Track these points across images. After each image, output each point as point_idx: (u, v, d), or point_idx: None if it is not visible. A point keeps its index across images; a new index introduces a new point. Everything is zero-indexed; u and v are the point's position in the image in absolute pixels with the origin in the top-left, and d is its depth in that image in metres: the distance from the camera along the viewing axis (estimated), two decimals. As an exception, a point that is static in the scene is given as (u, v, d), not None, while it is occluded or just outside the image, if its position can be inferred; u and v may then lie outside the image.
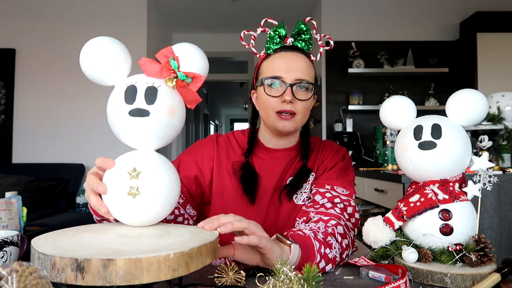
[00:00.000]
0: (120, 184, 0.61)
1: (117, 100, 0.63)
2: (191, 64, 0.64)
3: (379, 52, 3.59)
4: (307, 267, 0.57)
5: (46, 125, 3.55)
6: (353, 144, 3.40)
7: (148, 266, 0.46)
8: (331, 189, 0.95)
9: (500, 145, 1.50)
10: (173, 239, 0.56)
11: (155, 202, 0.61)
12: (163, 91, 0.63)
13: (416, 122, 0.80)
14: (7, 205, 1.50)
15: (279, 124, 0.94)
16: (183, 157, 1.04)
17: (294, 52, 0.95)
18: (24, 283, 0.41)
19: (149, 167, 0.62)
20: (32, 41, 3.58)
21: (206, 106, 8.53)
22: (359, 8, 3.71)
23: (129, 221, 0.63)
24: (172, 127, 0.65)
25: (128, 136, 0.64)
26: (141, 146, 0.65)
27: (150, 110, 0.62)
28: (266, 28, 0.97)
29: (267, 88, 0.93)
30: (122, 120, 0.62)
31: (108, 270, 0.45)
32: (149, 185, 0.61)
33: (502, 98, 1.55)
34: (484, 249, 0.70)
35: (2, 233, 0.80)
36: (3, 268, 0.41)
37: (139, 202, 0.60)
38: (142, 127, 0.62)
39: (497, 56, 3.21)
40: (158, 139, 0.65)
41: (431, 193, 0.76)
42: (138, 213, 0.61)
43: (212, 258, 0.56)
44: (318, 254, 0.77)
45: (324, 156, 1.03)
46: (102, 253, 0.47)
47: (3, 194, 1.66)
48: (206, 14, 4.27)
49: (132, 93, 0.62)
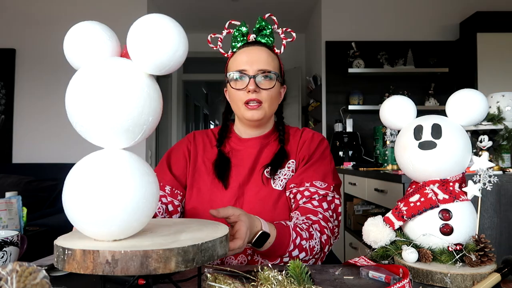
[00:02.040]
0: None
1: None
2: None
3: (379, 52, 3.59)
4: (292, 264, 0.59)
5: (46, 125, 3.55)
6: (353, 144, 3.40)
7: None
8: (311, 186, 0.99)
9: (500, 145, 1.50)
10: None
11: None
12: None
13: (416, 122, 0.80)
14: (7, 205, 1.50)
15: (247, 113, 1.00)
16: (170, 156, 1.11)
17: (256, 46, 1.02)
18: (24, 283, 0.41)
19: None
20: (32, 41, 3.58)
21: (206, 106, 8.52)
22: (359, 8, 3.71)
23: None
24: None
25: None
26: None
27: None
28: (230, 30, 1.05)
29: (232, 82, 1.01)
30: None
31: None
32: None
33: (502, 98, 1.55)
34: (484, 249, 0.70)
35: (2, 233, 0.80)
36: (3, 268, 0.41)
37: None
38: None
39: (497, 56, 3.21)
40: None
41: (431, 193, 0.76)
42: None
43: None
44: (292, 244, 0.87)
45: (301, 144, 1.07)
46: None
47: (3, 194, 1.66)
48: (206, 14, 4.27)
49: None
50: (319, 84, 3.77)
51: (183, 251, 0.49)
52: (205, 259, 0.51)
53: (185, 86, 5.47)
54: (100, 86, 0.52)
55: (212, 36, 1.06)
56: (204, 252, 0.51)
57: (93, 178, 0.51)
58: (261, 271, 0.60)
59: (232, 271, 0.71)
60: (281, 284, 0.56)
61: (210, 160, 1.06)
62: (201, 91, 7.86)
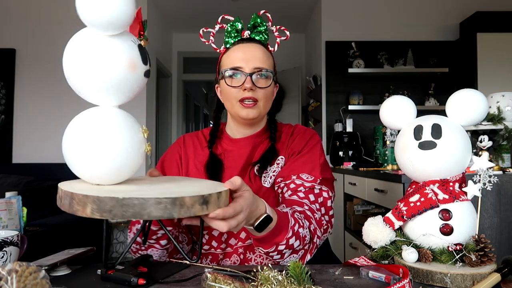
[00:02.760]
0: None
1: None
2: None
3: (379, 52, 3.59)
4: (292, 264, 0.58)
5: (46, 125, 3.55)
6: (353, 144, 3.40)
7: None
8: (297, 178, 0.97)
9: (500, 145, 1.50)
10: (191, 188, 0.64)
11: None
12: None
13: (416, 122, 0.80)
14: (7, 205, 1.50)
15: (242, 112, 0.98)
16: (163, 164, 1.09)
17: (252, 43, 1.00)
18: (24, 283, 0.41)
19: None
20: (32, 41, 3.58)
21: (206, 106, 8.52)
22: (359, 8, 3.71)
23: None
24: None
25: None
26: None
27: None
28: (223, 24, 1.02)
29: (228, 80, 0.98)
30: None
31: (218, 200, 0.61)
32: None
33: (502, 98, 1.55)
34: (484, 249, 0.70)
35: (2, 233, 0.80)
36: (3, 268, 0.41)
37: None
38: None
39: (497, 56, 3.21)
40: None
41: (431, 193, 0.76)
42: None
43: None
44: (291, 230, 0.81)
45: (292, 140, 1.05)
46: (201, 192, 0.59)
47: (3, 194, 1.66)
48: (206, 14, 4.27)
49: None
50: (319, 84, 3.77)
51: (98, 199, 0.53)
52: (128, 215, 0.53)
53: (185, 86, 5.47)
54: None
55: (204, 30, 1.04)
56: (124, 207, 0.53)
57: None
58: (261, 271, 0.60)
59: (232, 271, 0.71)
60: (281, 284, 0.56)
61: (202, 163, 1.05)
62: (201, 91, 7.86)
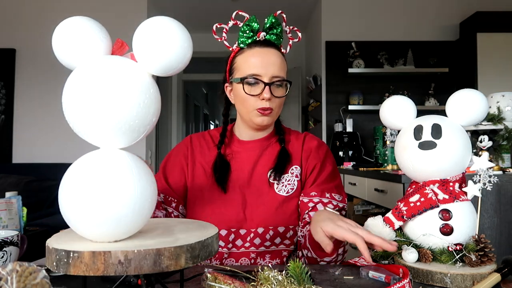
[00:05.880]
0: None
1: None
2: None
3: (379, 52, 3.59)
4: (292, 264, 0.59)
5: (46, 125, 3.55)
6: (353, 144, 3.40)
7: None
8: (331, 198, 1.00)
9: (500, 145, 1.50)
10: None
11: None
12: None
13: (416, 122, 0.79)
14: (7, 205, 1.50)
15: (257, 119, 0.99)
16: (166, 164, 1.09)
17: (268, 48, 0.99)
18: (24, 283, 0.41)
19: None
20: (32, 41, 3.58)
21: (206, 106, 8.52)
22: (359, 8, 3.71)
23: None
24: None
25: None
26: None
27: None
28: (237, 21, 1.00)
29: (246, 87, 0.97)
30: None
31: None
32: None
33: (502, 98, 1.55)
34: (484, 249, 0.70)
35: (2, 233, 0.80)
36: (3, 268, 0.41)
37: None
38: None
39: (497, 56, 3.21)
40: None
41: (431, 193, 0.76)
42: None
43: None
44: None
45: (307, 150, 1.05)
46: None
47: (3, 194, 1.66)
48: (206, 14, 4.27)
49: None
50: (319, 84, 3.77)
51: (191, 247, 0.50)
52: (207, 255, 0.53)
53: (185, 86, 5.47)
54: (102, 85, 0.50)
55: (217, 26, 1.01)
56: (206, 248, 0.53)
57: (91, 178, 0.50)
58: (261, 271, 0.60)
59: (232, 271, 0.71)
60: (281, 284, 0.56)
61: (209, 163, 1.05)
62: (201, 91, 7.86)
